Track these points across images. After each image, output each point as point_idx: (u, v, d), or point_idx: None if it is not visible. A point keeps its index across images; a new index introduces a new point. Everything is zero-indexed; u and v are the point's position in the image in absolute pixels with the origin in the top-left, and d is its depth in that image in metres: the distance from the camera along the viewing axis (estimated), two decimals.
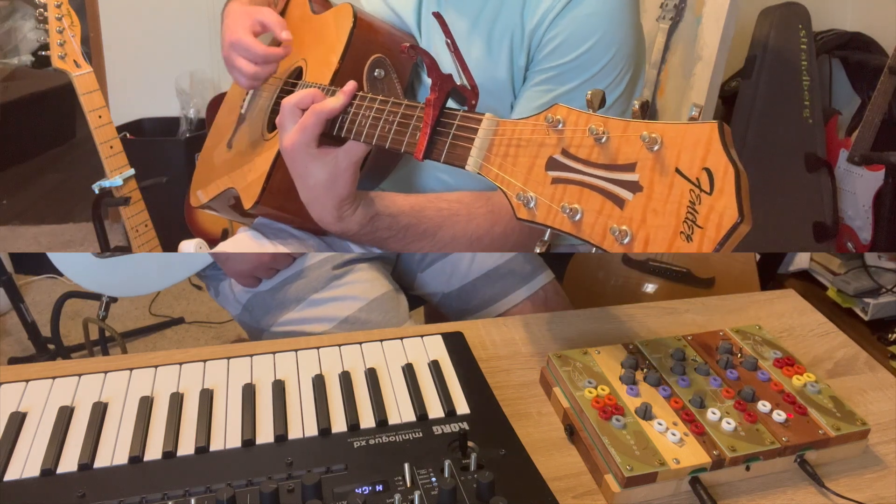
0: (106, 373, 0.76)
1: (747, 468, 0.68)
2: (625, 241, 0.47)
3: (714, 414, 0.71)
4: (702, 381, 0.76)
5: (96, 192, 1.45)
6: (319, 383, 0.75)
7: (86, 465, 0.65)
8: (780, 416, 0.71)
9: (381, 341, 0.83)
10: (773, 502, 0.67)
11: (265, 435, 0.69)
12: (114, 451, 0.67)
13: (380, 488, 0.62)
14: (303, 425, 0.70)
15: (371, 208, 0.79)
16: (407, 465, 0.63)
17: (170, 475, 0.64)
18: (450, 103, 0.64)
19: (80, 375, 0.76)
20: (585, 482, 0.68)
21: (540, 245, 0.54)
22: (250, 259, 0.95)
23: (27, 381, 0.75)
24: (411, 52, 0.67)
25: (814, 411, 0.73)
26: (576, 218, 0.50)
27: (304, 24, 1.00)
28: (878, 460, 0.73)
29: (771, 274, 1.85)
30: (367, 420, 0.71)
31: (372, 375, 0.76)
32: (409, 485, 0.62)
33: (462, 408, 0.73)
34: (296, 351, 0.80)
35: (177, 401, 0.72)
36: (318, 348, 0.81)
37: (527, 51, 0.85)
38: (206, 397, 0.73)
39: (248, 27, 0.92)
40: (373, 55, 0.84)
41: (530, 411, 0.77)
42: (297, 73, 0.96)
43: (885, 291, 1.76)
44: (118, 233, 1.95)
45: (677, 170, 0.46)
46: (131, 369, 0.77)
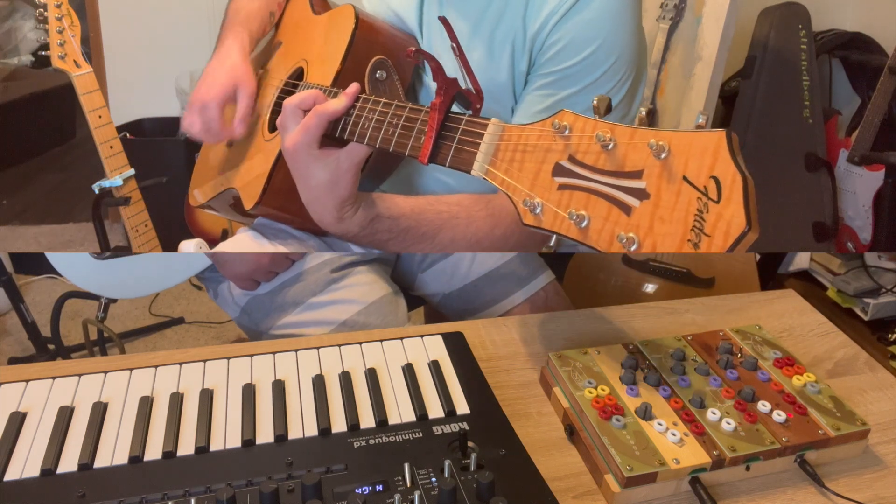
0: (106, 373, 0.76)
1: (747, 468, 0.68)
2: (632, 248, 0.47)
3: (714, 414, 0.71)
4: (702, 381, 0.76)
5: (96, 192, 1.45)
6: (319, 383, 0.75)
7: (86, 465, 0.65)
8: (780, 416, 0.71)
9: (381, 341, 0.83)
10: (773, 502, 0.67)
11: (265, 435, 0.69)
12: (114, 451, 0.67)
13: (380, 488, 0.62)
14: (303, 425, 0.70)
15: (372, 210, 0.78)
16: (407, 465, 0.63)
17: (170, 475, 0.64)
18: (454, 107, 0.64)
19: (80, 375, 0.76)
20: (585, 482, 0.68)
21: (546, 249, 0.54)
22: (249, 262, 0.95)
23: (27, 381, 0.75)
24: (416, 56, 0.66)
25: (814, 411, 0.73)
26: (583, 224, 0.50)
27: (304, 25, 1.00)
28: (878, 460, 0.73)
29: (771, 274, 1.85)
30: (367, 420, 0.71)
31: (372, 375, 0.76)
32: (409, 485, 0.62)
33: (462, 408, 0.73)
34: (296, 351, 0.80)
35: (177, 401, 0.72)
36: (318, 348, 0.81)
37: (528, 55, 0.84)
38: (206, 397, 0.73)
39: (221, 94, 0.93)
40: (374, 57, 0.84)
41: (530, 411, 0.77)
42: (298, 74, 0.96)
43: (885, 291, 1.76)
44: (118, 233, 1.95)
45: (685, 178, 0.46)
46: (131, 369, 0.77)
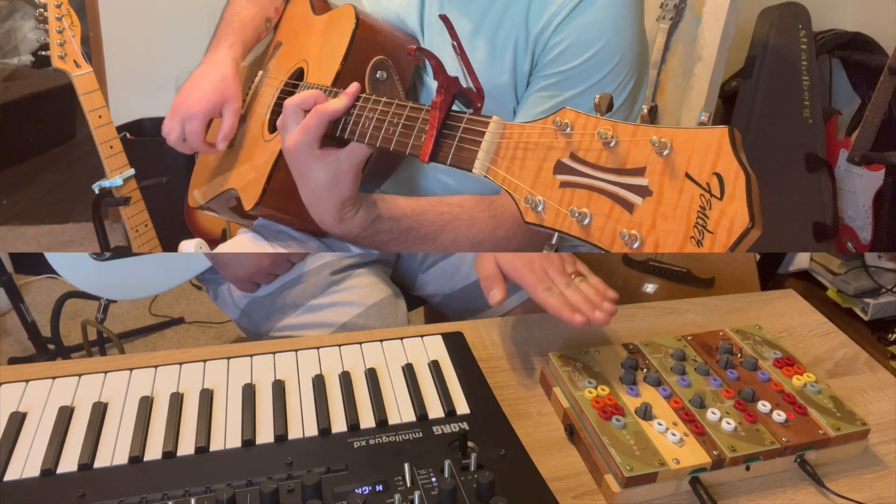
0: (106, 373, 0.76)
1: (747, 468, 0.68)
2: (634, 245, 0.47)
3: (714, 414, 0.71)
4: (702, 381, 0.76)
5: (96, 192, 1.45)
6: (319, 383, 0.75)
7: (86, 465, 0.65)
8: (780, 416, 0.71)
9: (381, 341, 0.83)
10: (773, 502, 0.67)
11: (265, 435, 0.69)
12: (114, 451, 0.67)
13: (380, 488, 0.62)
14: (303, 425, 0.70)
15: (373, 211, 0.78)
16: (407, 465, 0.63)
17: (170, 475, 0.64)
18: (455, 106, 0.64)
19: (80, 375, 0.76)
20: (585, 482, 0.68)
21: (547, 248, 0.53)
22: (249, 264, 0.95)
23: (27, 381, 0.75)
24: (417, 55, 0.66)
25: (814, 411, 0.73)
26: (584, 222, 0.50)
27: (305, 25, 1.00)
28: (878, 460, 0.73)
29: (771, 274, 1.85)
30: (367, 420, 0.71)
31: (372, 375, 0.76)
32: (409, 485, 0.62)
33: (462, 408, 0.73)
34: (296, 351, 0.80)
35: (177, 401, 0.72)
36: (318, 348, 0.81)
37: (531, 56, 0.84)
38: (206, 397, 0.73)
39: (207, 108, 0.93)
40: (375, 57, 0.84)
41: (530, 411, 0.77)
42: (299, 74, 0.96)
43: (885, 291, 1.76)
44: (118, 233, 1.94)
45: (687, 175, 0.45)
46: (131, 369, 0.77)
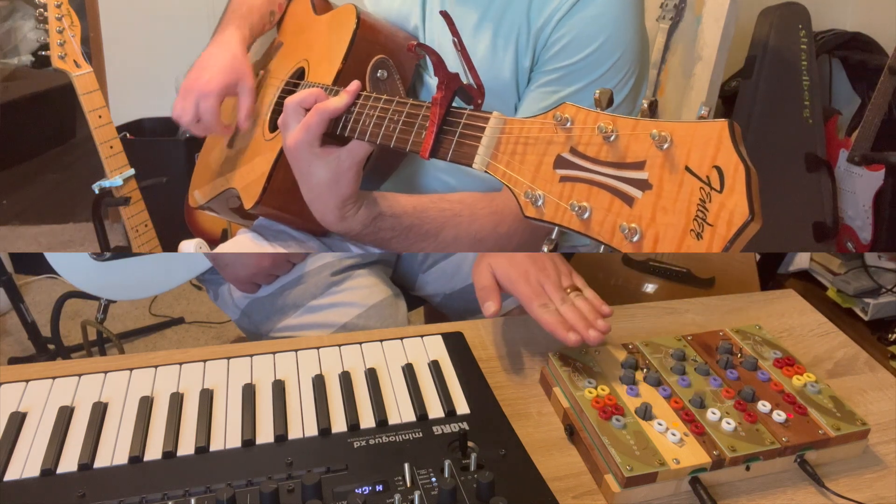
0: (106, 373, 0.76)
1: (747, 468, 0.68)
2: (634, 238, 0.47)
3: (714, 414, 0.71)
4: (702, 381, 0.76)
5: (96, 192, 1.45)
6: (319, 383, 0.75)
7: (86, 465, 0.65)
8: (780, 416, 0.71)
9: (381, 341, 0.83)
10: (773, 502, 0.67)
11: (265, 435, 0.69)
12: (114, 451, 0.67)
13: (380, 488, 0.62)
14: (303, 425, 0.70)
15: (374, 208, 0.78)
16: (407, 465, 0.63)
17: (170, 475, 0.64)
18: (456, 102, 0.64)
19: (80, 375, 0.76)
20: (585, 482, 0.68)
21: (547, 244, 0.53)
22: (249, 265, 0.95)
23: (27, 381, 0.75)
24: (418, 51, 0.66)
25: (814, 411, 0.73)
26: (584, 216, 0.50)
27: (306, 25, 1.00)
28: (878, 460, 0.73)
29: (771, 274, 1.85)
30: (367, 420, 0.71)
31: (372, 375, 0.76)
32: (409, 485, 0.62)
33: (462, 408, 0.73)
34: (296, 351, 0.80)
35: (177, 401, 0.72)
36: (318, 348, 0.81)
37: (532, 51, 0.84)
38: (206, 397, 0.73)
39: (221, 86, 0.91)
40: (376, 56, 0.84)
41: (530, 411, 0.77)
42: (300, 74, 0.96)
43: (885, 291, 1.76)
44: (118, 233, 1.94)
45: (687, 168, 0.46)
46: (131, 369, 0.77)
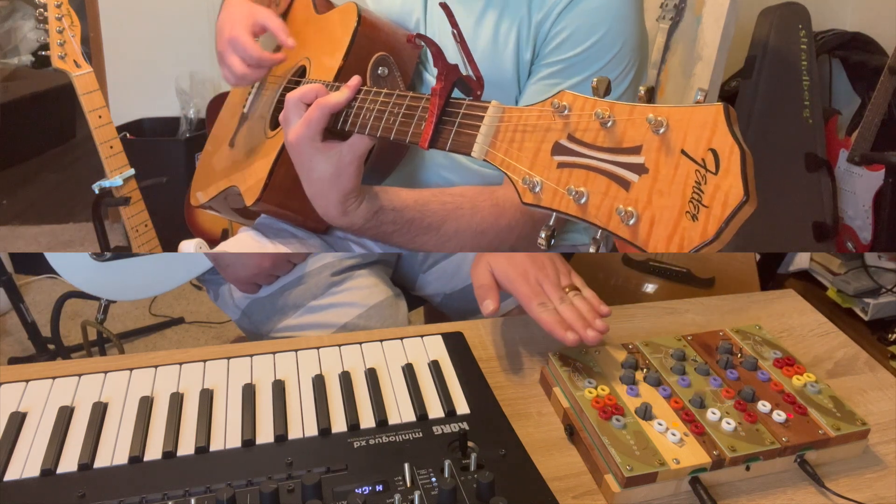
0: (106, 373, 0.76)
1: (747, 468, 0.68)
2: (630, 221, 0.47)
3: (714, 414, 0.71)
4: (702, 381, 0.76)
5: (96, 192, 1.45)
6: (319, 383, 0.75)
7: (86, 465, 0.65)
8: (780, 416, 0.71)
9: (381, 341, 0.83)
10: (773, 502, 0.67)
11: (265, 435, 0.69)
12: (114, 451, 0.67)
13: (380, 488, 0.62)
14: (303, 425, 0.70)
15: (376, 202, 0.79)
16: (407, 465, 0.63)
17: (170, 475, 0.64)
18: (455, 94, 0.64)
19: (80, 375, 0.76)
20: (585, 482, 0.68)
21: (545, 230, 0.54)
22: (250, 265, 0.95)
23: (27, 381, 0.75)
24: (417, 42, 0.67)
25: (814, 411, 0.73)
26: (581, 201, 0.50)
27: (307, 24, 1.00)
28: (878, 460, 0.73)
29: (771, 274, 1.85)
30: (367, 420, 0.71)
31: (372, 375, 0.76)
32: (409, 485, 0.62)
33: (462, 408, 0.73)
34: (296, 351, 0.80)
35: (177, 401, 0.72)
36: (318, 348, 0.81)
37: (533, 44, 0.85)
38: (206, 397, 0.73)
39: (248, 27, 0.92)
40: (376, 53, 0.84)
41: (530, 411, 0.77)
42: (301, 72, 0.96)
43: (885, 291, 1.76)
44: (118, 233, 1.95)
45: (683, 151, 0.46)
46: (131, 369, 0.77)
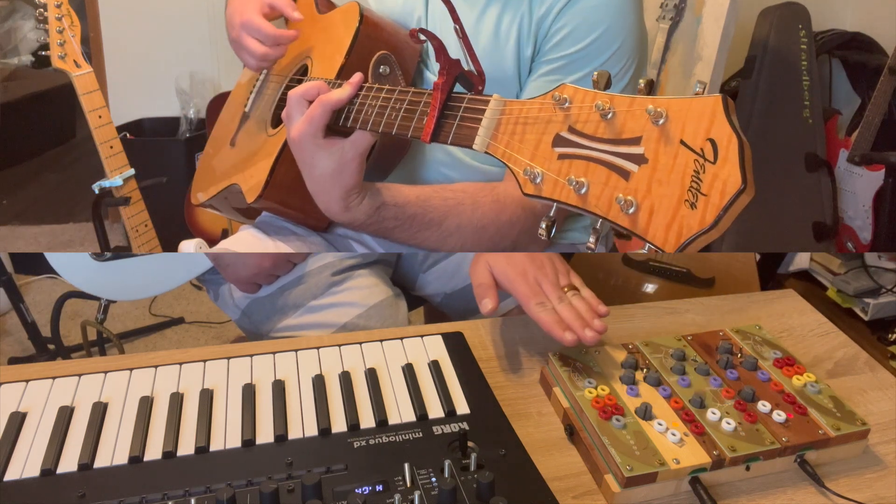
0: (106, 373, 0.76)
1: (747, 468, 0.68)
2: (630, 210, 0.48)
3: (714, 414, 0.71)
4: (702, 381, 0.76)
5: (96, 192, 1.45)
6: (319, 383, 0.75)
7: (86, 465, 0.65)
8: (780, 416, 0.71)
9: (381, 341, 0.83)
10: (773, 502, 0.67)
11: (265, 435, 0.69)
12: (114, 451, 0.67)
13: (380, 488, 0.62)
14: (303, 425, 0.70)
15: (377, 198, 0.79)
16: (407, 465, 0.63)
17: (170, 475, 0.64)
18: (457, 89, 0.65)
19: (80, 375, 0.76)
20: (585, 482, 0.68)
21: (545, 220, 0.54)
22: (250, 265, 0.95)
23: (27, 381, 0.75)
24: (420, 36, 0.67)
25: (814, 411, 0.73)
26: (582, 191, 0.51)
27: (310, 24, 1.01)
28: (878, 460, 0.73)
29: (771, 274, 1.85)
30: (367, 420, 0.71)
31: (372, 375, 0.76)
32: (409, 485, 0.62)
33: (462, 408, 0.73)
34: (296, 351, 0.80)
35: (177, 401, 0.72)
36: (318, 348, 0.81)
37: (534, 41, 0.86)
38: (206, 397, 0.73)
39: (257, 9, 0.93)
40: (378, 52, 0.84)
41: (530, 411, 0.77)
42: (303, 71, 0.97)
43: (885, 291, 1.76)
44: (118, 233, 1.95)
45: (682, 141, 0.46)
46: (131, 369, 0.77)
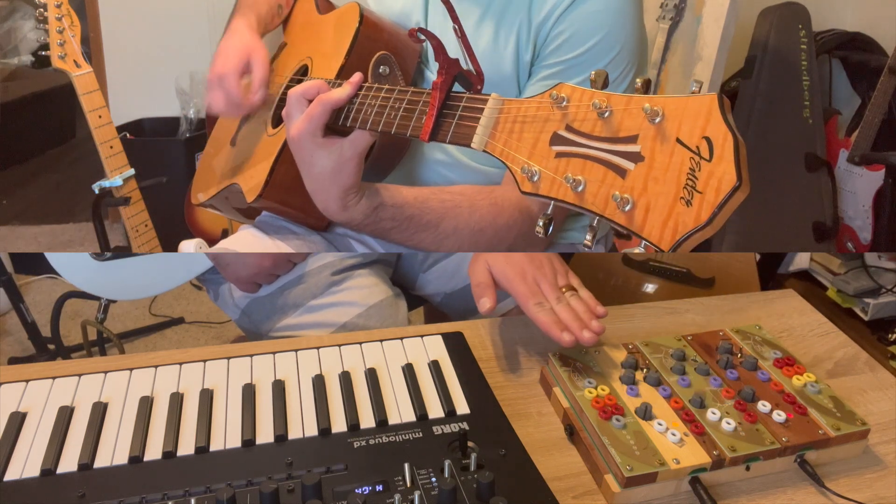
0: (106, 373, 0.76)
1: (747, 468, 0.68)
2: (626, 208, 0.48)
3: (714, 414, 0.71)
4: (702, 381, 0.76)
5: (96, 192, 1.45)
6: (319, 383, 0.75)
7: (86, 465, 0.65)
8: (780, 416, 0.71)
9: (381, 341, 0.83)
10: (773, 502, 0.67)
11: (265, 435, 0.69)
12: (114, 451, 0.67)
13: (380, 488, 0.62)
14: (303, 425, 0.70)
15: (375, 198, 0.79)
16: (407, 465, 0.63)
17: (170, 475, 0.64)
18: (456, 88, 0.65)
19: (80, 375, 0.76)
20: (585, 482, 0.68)
21: (542, 218, 0.54)
22: (250, 265, 0.95)
23: (27, 381, 0.75)
24: (419, 35, 0.67)
25: (814, 411, 0.73)
26: (578, 189, 0.51)
27: (310, 24, 1.01)
28: (878, 460, 0.73)
29: (771, 274, 1.85)
30: (367, 420, 0.71)
31: (372, 375, 0.76)
32: (409, 485, 0.62)
33: (462, 408, 0.73)
34: (296, 351, 0.80)
35: (177, 401, 0.72)
36: (318, 348, 0.81)
37: (533, 45, 0.86)
38: (206, 397, 0.73)
39: (237, 66, 0.93)
40: (378, 52, 0.85)
41: (530, 411, 0.77)
42: (303, 71, 0.97)
43: (885, 291, 1.76)
44: (118, 233, 1.95)
45: (678, 140, 0.47)
46: (131, 369, 0.77)
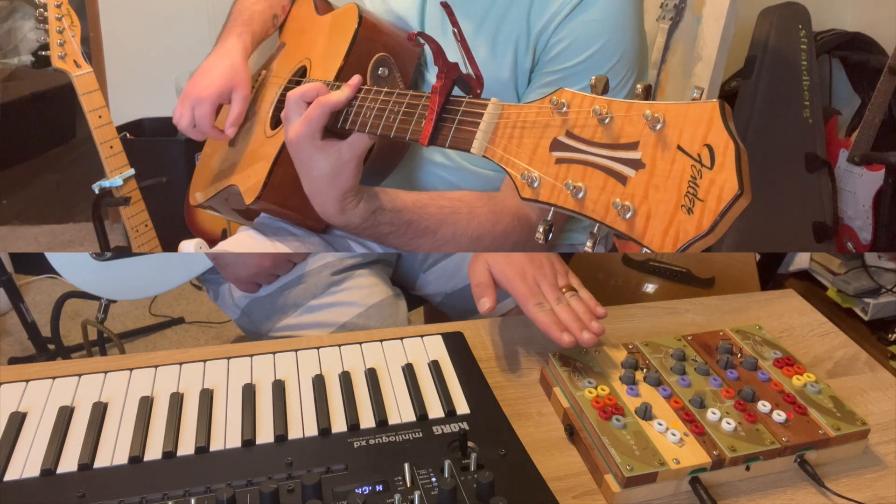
0: (106, 373, 0.76)
1: (747, 468, 0.68)
2: (627, 215, 0.48)
3: (714, 414, 0.71)
4: (702, 381, 0.76)
5: (96, 192, 1.45)
6: (319, 383, 0.75)
7: (86, 465, 0.65)
8: (780, 416, 0.71)
9: (381, 341, 0.83)
10: (773, 502, 0.67)
11: (265, 435, 0.69)
12: (114, 451, 0.67)
13: (380, 488, 0.62)
14: (303, 425, 0.70)
15: (374, 202, 0.79)
16: (407, 465, 0.63)
17: (170, 475, 0.64)
18: (455, 92, 0.65)
19: (80, 375, 0.76)
20: (585, 482, 0.68)
21: (542, 224, 0.54)
22: (250, 265, 0.95)
23: (27, 381, 0.75)
24: (418, 40, 0.67)
25: (814, 411, 0.73)
26: (579, 195, 0.51)
27: (309, 25, 1.01)
28: (878, 460, 0.73)
29: (771, 274, 1.85)
30: (367, 420, 0.71)
31: (372, 375, 0.76)
32: (409, 485, 0.62)
33: (462, 408, 0.73)
34: (296, 351, 0.80)
35: (177, 401, 0.72)
36: (318, 348, 0.81)
37: (532, 53, 0.85)
38: (206, 397, 0.73)
39: (216, 94, 0.93)
40: (377, 54, 0.84)
41: (530, 411, 0.77)
42: (302, 72, 0.97)
43: (885, 291, 1.76)
44: (118, 233, 1.94)
45: (679, 147, 0.47)
46: (131, 369, 0.77)
